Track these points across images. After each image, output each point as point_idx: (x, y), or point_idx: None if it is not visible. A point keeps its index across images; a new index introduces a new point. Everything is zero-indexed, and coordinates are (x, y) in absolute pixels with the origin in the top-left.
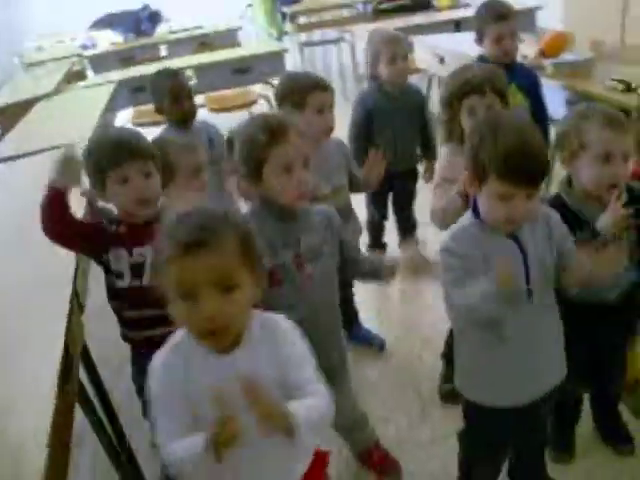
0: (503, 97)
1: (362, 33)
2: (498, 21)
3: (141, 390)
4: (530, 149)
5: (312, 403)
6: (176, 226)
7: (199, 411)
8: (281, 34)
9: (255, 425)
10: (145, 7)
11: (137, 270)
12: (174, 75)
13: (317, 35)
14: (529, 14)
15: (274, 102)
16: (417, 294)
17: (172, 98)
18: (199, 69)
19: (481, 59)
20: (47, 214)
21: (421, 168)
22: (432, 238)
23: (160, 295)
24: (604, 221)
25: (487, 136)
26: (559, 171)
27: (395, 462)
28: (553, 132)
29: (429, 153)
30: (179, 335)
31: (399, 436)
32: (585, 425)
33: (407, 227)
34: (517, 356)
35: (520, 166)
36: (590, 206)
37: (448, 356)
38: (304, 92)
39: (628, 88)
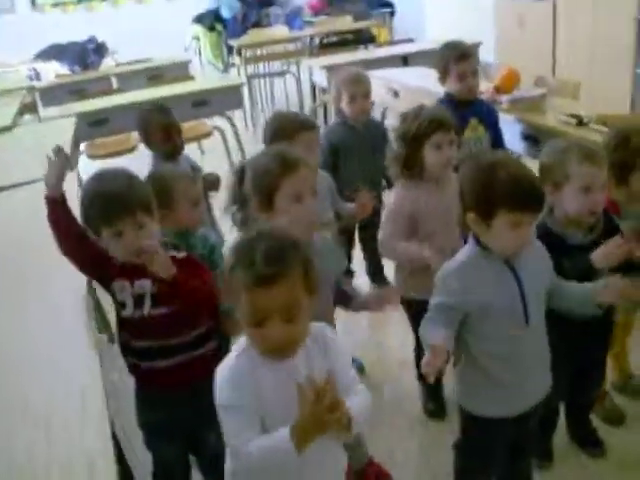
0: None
1: (307, 66)
2: (460, 60)
3: (143, 422)
4: (531, 178)
5: (361, 401)
6: (249, 253)
7: (266, 414)
8: (226, 66)
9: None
10: (91, 39)
11: (139, 301)
12: (165, 112)
13: (261, 67)
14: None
15: (263, 140)
16: (386, 319)
17: (164, 134)
18: (156, 102)
19: (447, 96)
20: (55, 227)
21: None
22: None
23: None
24: (599, 254)
25: (490, 175)
26: None
27: (389, 475)
28: None
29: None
30: (243, 343)
31: (390, 450)
32: (560, 433)
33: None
34: (514, 372)
35: (528, 195)
36: (572, 230)
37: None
38: (294, 131)
39: (580, 122)
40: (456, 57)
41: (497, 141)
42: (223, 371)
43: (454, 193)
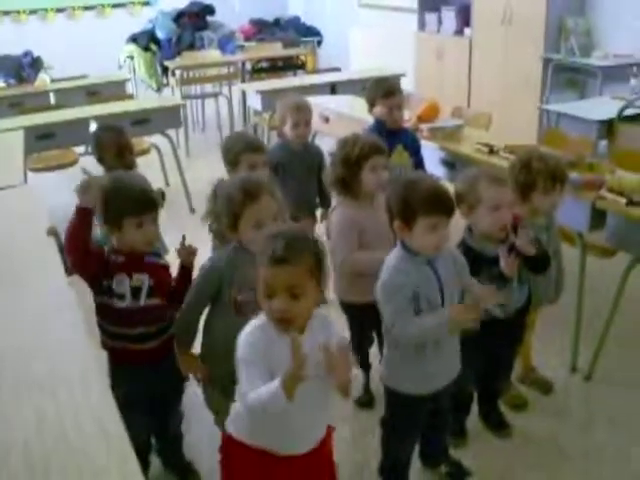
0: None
1: (239, 89)
2: (387, 97)
3: (119, 394)
4: (442, 189)
5: None
6: (269, 242)
7: (275, 376)
8: (160, 86)
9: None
10: (27, 53)
11: (136, 292)
12: (118, 132)
13: (193, 89)
14: (395, 80)
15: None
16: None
17: (117, 152)
18: (100, 118)
19: (377, 123)
20: (79, 238)
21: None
22: None
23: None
24: (503, 266)
25: (410, 187)
26: None
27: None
28: None
29: (327, 202)
30: (261, 319)
31: None
32: (474, 417)
33: None
34: (433, 357)
35: (440, 201)
36: (488, 245)
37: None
38: (238, 153)
39: (491, 151)
40: (383, 94)
41: (419, 166)
42: (246, 335)
43: (384, 212)
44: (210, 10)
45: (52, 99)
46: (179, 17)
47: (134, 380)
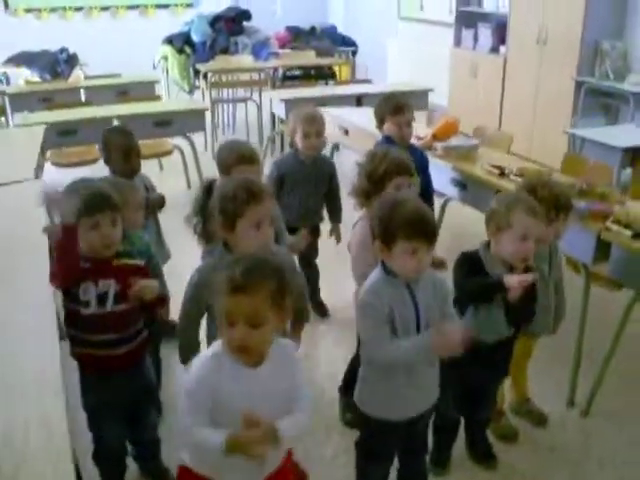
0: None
1: (268, 96)
2: (395, 114)
3: (89, 403)
4: (425, 213)
5: (299, 421)
6: (233, 267)
7: (223, 410)
8: (192, 88)
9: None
10: (63, 49)
11: (102, 299)
12: (126, 135)
13: (225, 93)
14: (423, 94)
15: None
16: (319, 336)
17: (123, 155)
18: (123, 118)
19: (387, 139)
20: (66, 257)
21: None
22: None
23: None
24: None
25: (392, 209)
26: None
27: (304, 472)
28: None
29: (336, 216)
30: (217, 346)
31: (307, 452)
32: (460, 446)
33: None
34: (406, 383)
35: (422, 225)
36: (500, 270)
37: (345, 389)
38: (231, 164)
39: (502, 173)
40: (392, 110)
41: (426, 185)
42: (196, 367)
43: None
44: (247, 16)
45: (82, 96)
46: (215, 21)
47: (104, 388)
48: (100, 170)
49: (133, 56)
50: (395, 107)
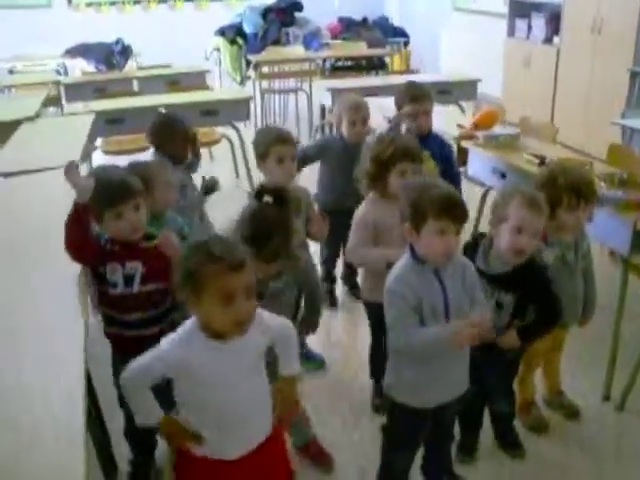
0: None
1: (319, 86)
2: (413, 102)
3: (117, 382)
4: (455, 194)
5: (292, 353)
6: (207, 250)
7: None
8: (243, 79)
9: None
10: (118, 41)
11: (129, 280)
12: (179, 122)
13: (277, 83)
14: (472, 84)
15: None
16: (360, 322)
17: (178, 142)
18: (170, 107)
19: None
20: (74, 231)
21: None
22: None
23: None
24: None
25: (422, 191)
26: None
27: (329, 455)
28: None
29: None
30: (187, 333)
31: (334, 437)
32: (489, 436)
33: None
34: (437, 368)
35: (451, 205)
36: (497, 264)
37: (376, 375)
38: (267, 145)
39: (542, 162)
40: (409, 98)
41: (451, 175)
42: (164, 341)
43: None
44: (298, 7)
45: (135, 86)
46: (267, 12)
47: None
48: (149, 158)
49: (186, 48)
50: (413, 95)
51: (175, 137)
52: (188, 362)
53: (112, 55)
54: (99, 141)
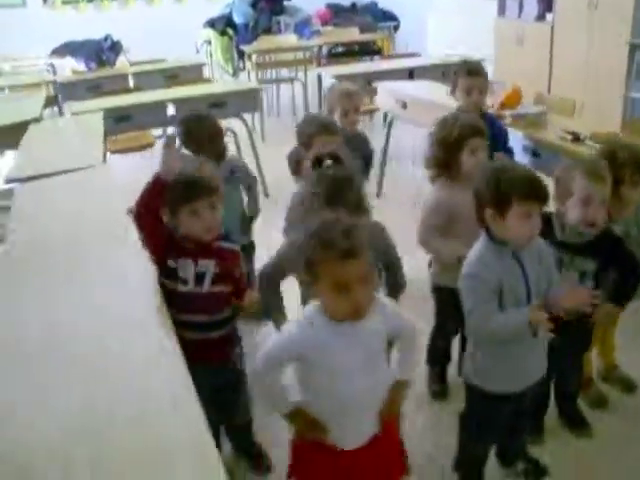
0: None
1: (315, 74)
2: (469, 75)
3: None
4: (536, 175)
5: (409, 358)
6: (329, 234)
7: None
8: (236, 71)
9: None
10: (107, 37)
11: (200, 278)
12: (209, 119)
13: (269, 73)
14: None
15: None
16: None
17: (209, 140)
18: (177, 101)
19: (458, 110)
20: (149, 198)
21: None
22: None
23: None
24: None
25: (502, 174)
26: None
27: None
28: None
29: None
30: (312, 317)
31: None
32: (552, 414)
33: None
34: (519, 355)
35: (537, 186)
36: (572, 235)
37: (431, 361)
38: (311, 135)
39: (577, 139)
40: (465, 72)
41: (506, 150)
42: (289, 326)
43: None
44: None
45: (131, 82)
46: (256, 2)
47: (194, 373)
48: (156, 155)
49: (173, 41)
50: (468, 69)
51: (214, 138)
52: (313, 344)
53: (102, 52)
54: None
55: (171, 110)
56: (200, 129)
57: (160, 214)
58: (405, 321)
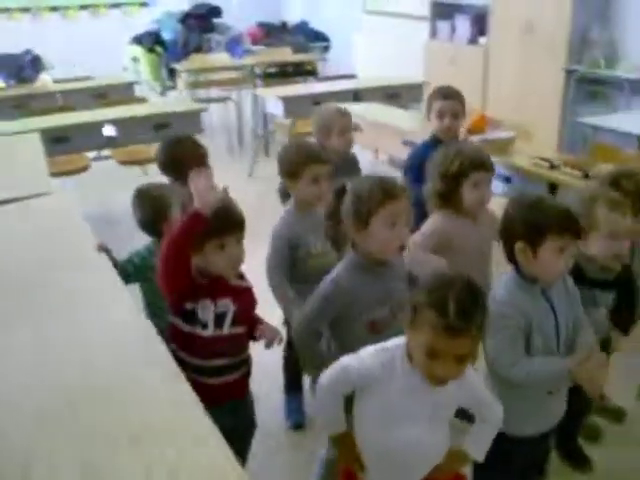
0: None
1: (248, 94)
2: (442, 99)
3: None
4: (571, 209)
5: (486, 431)
6: (443, 300)
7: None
8: (165, 89)
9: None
10: (27, 52)
11: (220, 320)
12: (196, 144)
13: (201, 93)
14: (419, 87)
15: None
16: None
17: (197, 164)
18: (118, 122)
19: (433, 136)
20: (185, 237)
21: None
22: None
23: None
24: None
25: (536, 207)
26: None
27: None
28: None
29: None
30: (394, 354)
31: None
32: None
33: None
34: (544, 398)
35: (572, 221)
36: (593, 270)
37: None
38: (300, 165)
39: (552, 166)
40: (439, 96)
41: None
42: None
43: (488, 230)
44: (216, 12)
45: (58, 100)
46: (185, 18)
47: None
48: (89, 179)
49: (97, 58)
50: (444, 93)
51: (202, 162)
52: (387, 384)
53: (22, 68)
54: None
55: (109, 131)
56: (183, 152)
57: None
58: (488, 398)
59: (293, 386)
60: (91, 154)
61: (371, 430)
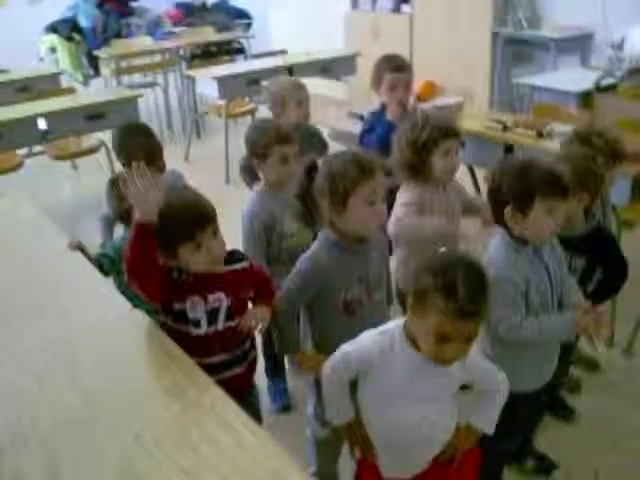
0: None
1: (177, 77)
2: (393, 71)
3: None
4: (558, 169)
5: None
6: (451, 282)
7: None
8: (86, 78)
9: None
10: None
11: (213, 316)
12: (148, 134)
13: (125, 79)
14: (350, 59)
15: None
16: None
17: (147, 156)
18: (51, 115)
19: (383, 107)
20: (140, 257)
21: None
22: None
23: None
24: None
25: (524, 171)
26: None
27: None
28: None
29: None
30: (393, 336)
31: None
32: None
33: None
34: (541, 354)
35: (560, 182)
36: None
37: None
38: (267, 145)
39: (505, 127)
40: (390, 68)
41: None
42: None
43: (456, 196)
44: None
45: None
46: (102, 3)
47: None
48: (22, 177)
49: (11, 49)
50: (394, 64)
51: (137, 152)
52: (382, 362)
53: None
54: None
55: (43, 125)
56: (134, 142)
57: (153, 259)
58: (491, 372)
59: (275, 370)
60: (22, 151)
61: (377, 413)
